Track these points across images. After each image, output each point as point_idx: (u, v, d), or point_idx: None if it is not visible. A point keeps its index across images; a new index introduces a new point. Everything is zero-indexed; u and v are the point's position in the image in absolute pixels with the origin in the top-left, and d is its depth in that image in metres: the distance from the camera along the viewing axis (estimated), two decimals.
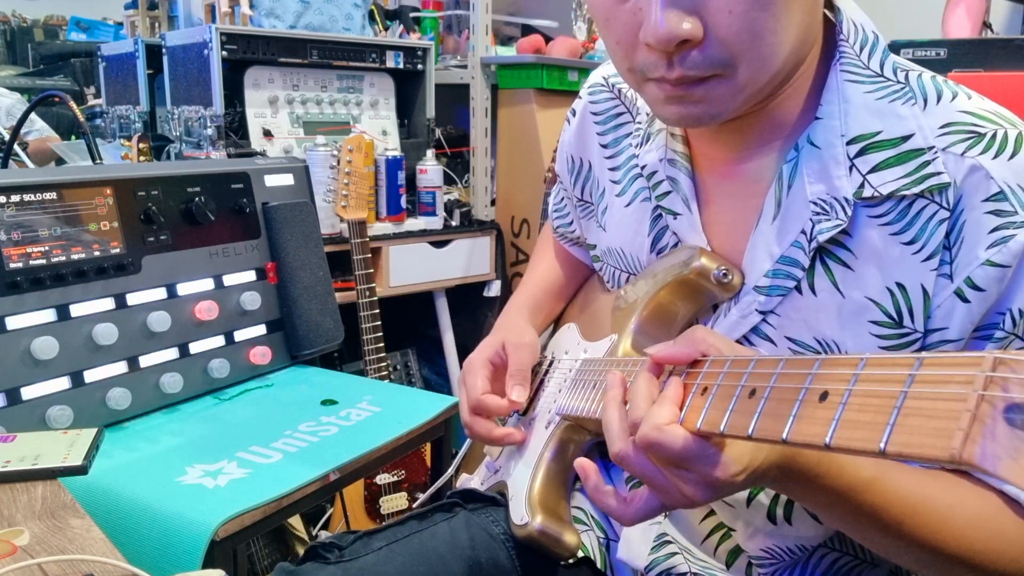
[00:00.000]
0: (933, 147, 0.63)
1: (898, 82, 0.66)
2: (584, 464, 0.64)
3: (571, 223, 0.98)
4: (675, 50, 0.60)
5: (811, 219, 0.67)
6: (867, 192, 0.64)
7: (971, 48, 1.55)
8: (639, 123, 0.82)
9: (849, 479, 0.58)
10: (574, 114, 0.91)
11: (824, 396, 0.44)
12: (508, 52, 2.35)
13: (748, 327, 0.71)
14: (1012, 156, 0.62)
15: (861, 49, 0.67)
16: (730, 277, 0.71)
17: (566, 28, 2.58)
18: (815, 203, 0.66)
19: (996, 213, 0.61)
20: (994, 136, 0.63)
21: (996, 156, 0.62)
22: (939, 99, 0.65)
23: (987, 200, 0.61)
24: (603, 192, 0.87)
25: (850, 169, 0.65)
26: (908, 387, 0.39)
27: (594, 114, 0.88)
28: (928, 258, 0.64)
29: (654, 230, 0.79)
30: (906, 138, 0.64)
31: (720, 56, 0.60)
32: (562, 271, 1.02)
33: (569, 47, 2.36)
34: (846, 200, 0.65)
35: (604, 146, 0.86)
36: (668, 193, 0.76)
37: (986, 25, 1.88)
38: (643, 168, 0.79)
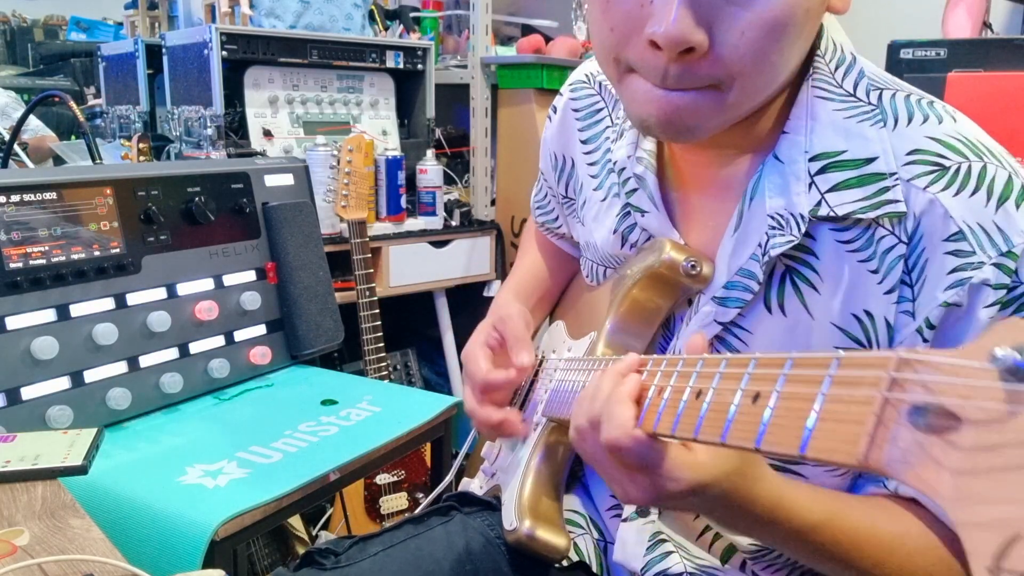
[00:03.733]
0: (895, 174, 0.63)
1: (870, 103, 0.65)
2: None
3: (556, 219, 0.98)
4: (677, 56, 0.58)
5: (767, 233, 0.66)
6: (823, 211, 0.64)
7: (971, 48, 1.55)
8: (618, 117, 0.81)
9: (800, 522, 0.59)
10: (555, 111, 0.91)
11: (756, 397, 0.45)
12: (508, 52, 2.35)
13: (708, 336, 0.70)
14: (973, 192, 0.61)
15: (836, 68, 0.66)
16: (699, 268, 0.71)
17: (566, 28, 2.58)
18: (772, 217, 0.66)
19: (955, 254, 0.60)
20: (957, 171, 0.61)
21: (957, 193, 0.61)
22: (909, 121, 0.64)
23: (947, 240, 0.61)
24: (582, 187, 0.87)
25: (809, 186, 0.65)
26: (827, 389, 0.40)
27: (575, 111, 0.87)
28: (889, 291, 0.63)
29: (622, 226, 0.79)
30: (869, 160, 0.63)
31: (717, 73, 0.59)
32: (546, 264, 1.01)
33: (569, 47, 2.36)
34: (801, 217, 0.64)
35: (584, 142, 0.86)
36: (635, 190, 0.76)
37: (986, 25, 1.88)
38: (615, 164, 0.79)
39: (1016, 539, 0.29)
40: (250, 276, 1.36)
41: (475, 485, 0.95)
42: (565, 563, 0.79)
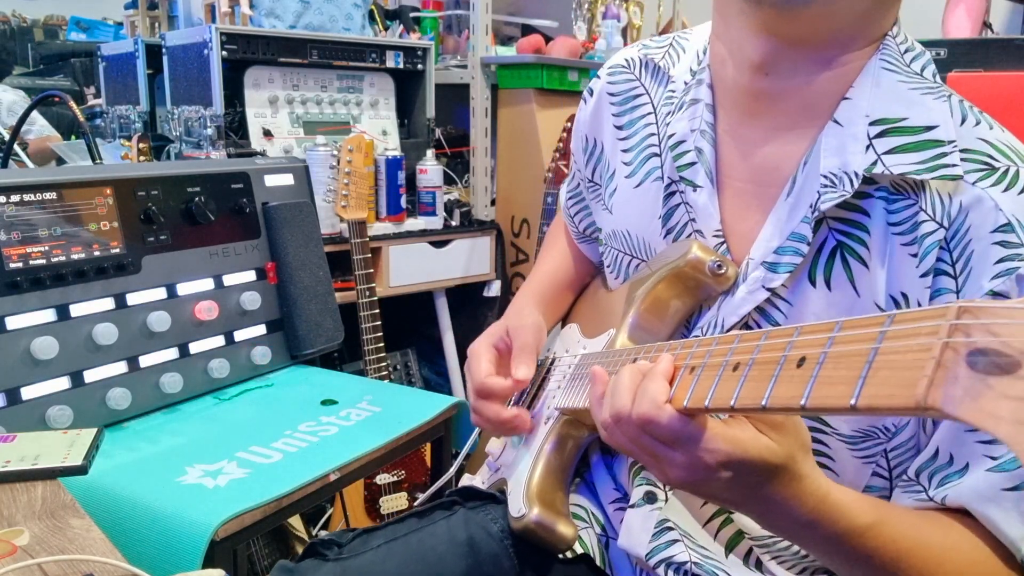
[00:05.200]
0: (954, 141, 0.64)
1: (935, 83, 0.67)
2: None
3: (591, 212, 0.97)
4: None
5: (819, 191, 0.67)
6: (878, 169, 0.65)
7: (971, 48, 1.55)
8: (672, 91, 0.81)
9: (846, 525, 0.58)
10: (591, 93, 0.91)
11: (802, 361, 0.45)
12: (508, 52, 2.35)
13: (754, 304, 0.71)
14: (1022, 191, 0.63)
15: (906, 52, 0.69)
16: (724, 269, 0.71)
17: (566, 28, 2.58)
18: (826, 176, 0.67)
19: (1003, 244, 0.62)
20: (1006, 172, 0.64)
21: (1007, 190, 0.63)
22: (963, 121, 0.66)
23: (995, 231, 0.62)
24: (612, 174, 0.87)
25: (867, 148, 0.66)
26: (880, 343, 0.40)
27: (611, 95, 0.88)
28: (924, 275, 0.64)
29: (666, 206, 0.79)
30: (929, 128, 0.65)
31: None
32: (573, 265, 1.02)
33: (569, 47, 2.36)
34: (855, 174, 0.65)
35: (618, 127, 0.86)
36: (692, 164, 0.76)
37: (986, 25, 1.88)
38: (670, 137, 0.78)
39: None
40: (250, 276, 1.36)
41: (478, 480, 0.95)
42: (569, 555, 0.80)
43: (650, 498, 0.77)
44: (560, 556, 0.80)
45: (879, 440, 0.69)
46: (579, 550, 0.80)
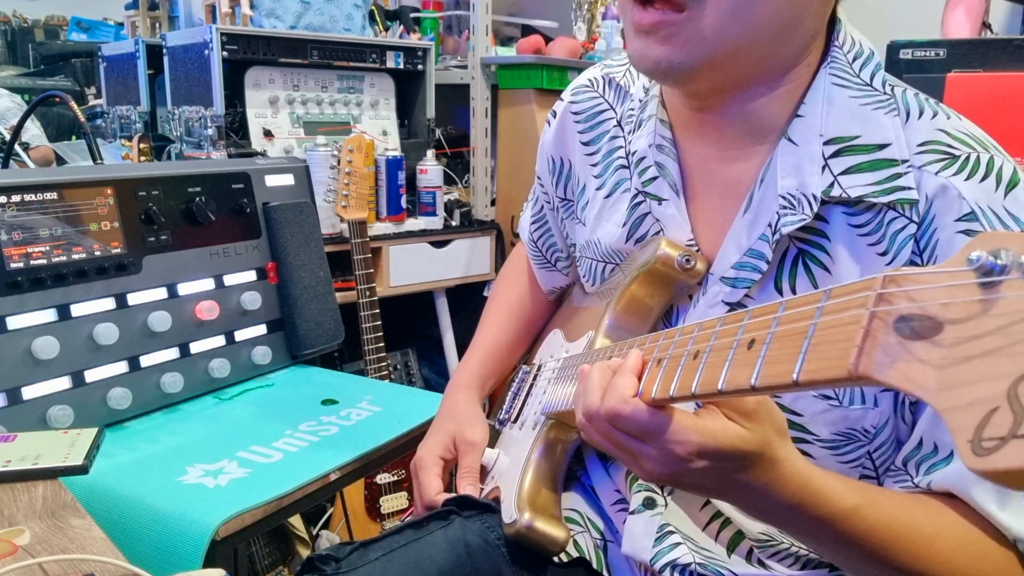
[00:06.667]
0: (907, 161, 0.65)
1: (885, 94, 0.68)
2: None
3: (553, 234, 1.00)
4: None
5: (778, 212, 0.68)
6: (835, 192, 0.66)
7: (971, 48, 1.55)
8: (632, 109, 0.83)
9: (830, 508, 0.58)
10: (554, 116, 0.93)
11: (751, 344, 0.47)
12: (508, 52, 2.36)
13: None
14: (983, 179, 0.64)
15: (855, 59, 0.69)
16: (692, 263, 0.73)
17: (566, 28, 2.58)
18: (784, 197, 0.68)
19: (967, 232, 0.63)
20: (967, 159, 0.65)
21: (968, 178, 0.64)
22: (920, 115, 0.67)
23: (959, 220, 0.63)
24: (583, 188, 0.89)
25: (823, 168, 0.66)
26: (817, 319, 0.42)
27: (575, 114, 0.89)
28: None
29: (631, 218, 0.81)
30: (883, 146, 0.66)
31: None
32: (519, 322, 1.04)
33: (569, 47, 2.36)
34: (814, 197, 0.66)
35: (585, 143, 0.88)
36: (655, 179, 0.78)
37: (986, 25, 1.88)
38: (632, 154, 0.80)
39: (994, 411, 0.30)
40: (250, 276, 1.36)
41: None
42: (564, 558, 0.80)
43: (649, 504, 0.77)
44: (556, 560, 0.80)
45: (861, 442, 0.69)
46: (574, 554, 0.81)
